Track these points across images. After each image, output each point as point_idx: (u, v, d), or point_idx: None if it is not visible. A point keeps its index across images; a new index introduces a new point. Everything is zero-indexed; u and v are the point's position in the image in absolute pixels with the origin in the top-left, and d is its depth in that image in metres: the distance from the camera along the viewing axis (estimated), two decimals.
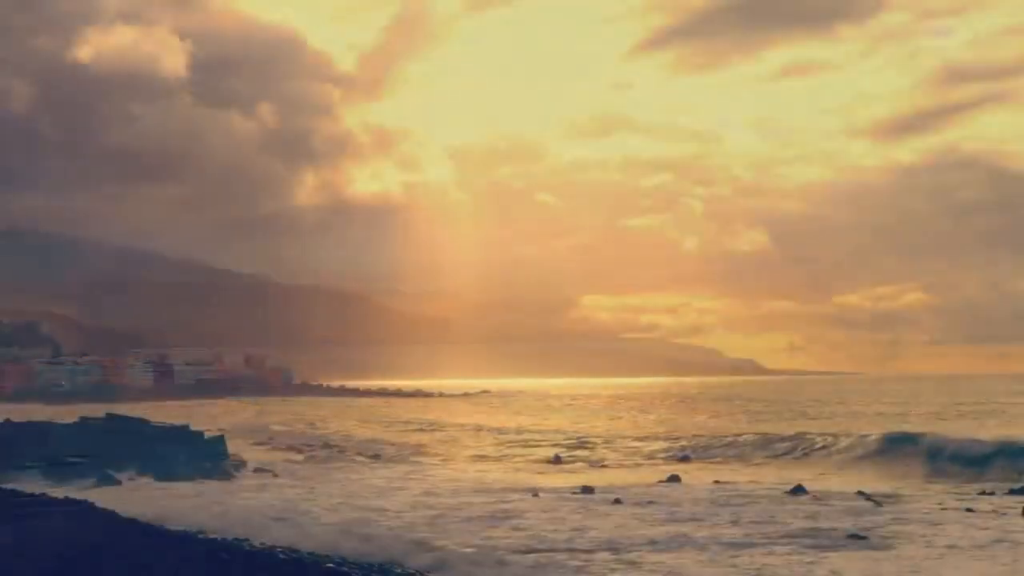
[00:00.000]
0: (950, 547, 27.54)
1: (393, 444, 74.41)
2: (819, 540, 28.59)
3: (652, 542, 28.77)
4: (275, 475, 50.79)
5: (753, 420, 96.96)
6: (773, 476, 50.19)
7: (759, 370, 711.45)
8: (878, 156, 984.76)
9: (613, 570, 24.83)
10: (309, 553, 23.79)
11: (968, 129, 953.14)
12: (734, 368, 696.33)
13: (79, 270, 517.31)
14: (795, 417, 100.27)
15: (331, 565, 22.34)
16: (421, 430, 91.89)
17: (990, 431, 64.17)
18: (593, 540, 29.27)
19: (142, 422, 54.00)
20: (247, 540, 24.79)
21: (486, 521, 33.24)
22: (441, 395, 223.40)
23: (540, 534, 30.34)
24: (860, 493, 40.28)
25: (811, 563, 25.33)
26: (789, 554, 26.50)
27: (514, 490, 43.10)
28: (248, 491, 44.25)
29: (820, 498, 38.64)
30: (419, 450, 69.12)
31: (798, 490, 40.69)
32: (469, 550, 26.71)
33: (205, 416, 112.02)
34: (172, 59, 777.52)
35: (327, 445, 74.09)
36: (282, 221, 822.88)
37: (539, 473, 54.19)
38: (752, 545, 27.91)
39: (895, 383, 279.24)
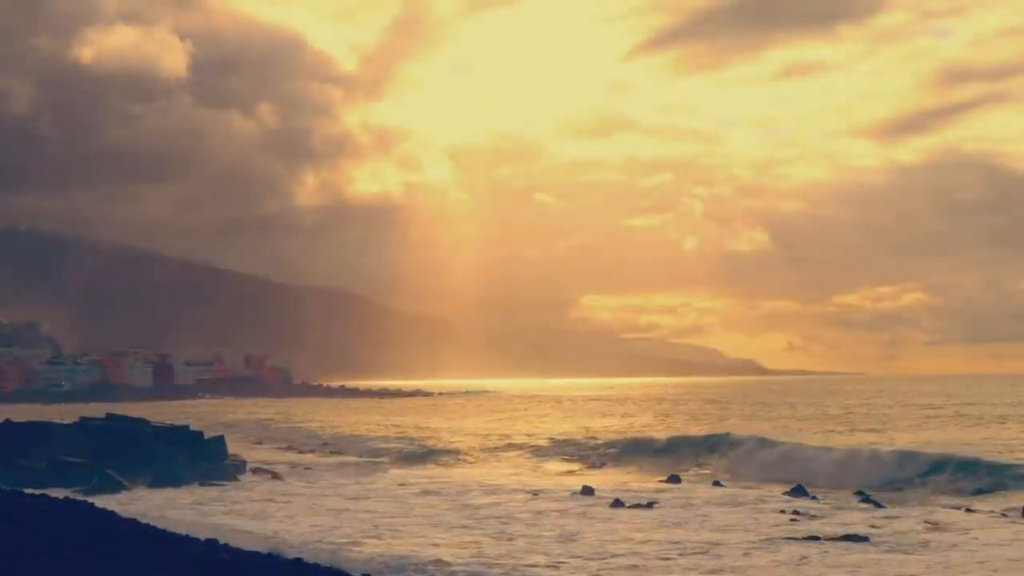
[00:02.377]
0: (965, 548, 27.64)
1: (392, 444, 74.37)
2: (826, 542, 28.52)
3: (656, 548, 28.79)
4: (274, 475, 50.85)
5: (752, 420, 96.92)
6: (772, 476, 50.20)
7: (759, 370, 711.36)
8: (878, 156, 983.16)
9: None
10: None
11: (968, 129, 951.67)
12: (734, 368, 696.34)
13: (79, 270, 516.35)
14: (793, 419, 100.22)
15: (330, 566, 22.37)
16: (420, 430, 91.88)
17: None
18: (586, 547, 29.28)
19: (142, 422, 53.97)
20: (246, 541, 24.84)
21: (477, 527, 33.24)
22: (440, 395, 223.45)
23: (522, 541, 30.35)
24: (859, 493, 40.34)
25: (826, 565, 25.33)
26: (800, 557, 26.41)
27: (513, 491, 43.09)
28: (247, 492, 44.32)
29: (821, 499, 38.71)
30: (417, 450, 69.09)
31: (798, 490, 40.71)
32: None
33: (205, 416, 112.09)
34: (172, 59, 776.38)
35: (326, 445, 74.17)
36: (282, 221, 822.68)
37: (539, 473, 54.17)
38: (759, 548, 27.91)
39: (893, 384, 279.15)
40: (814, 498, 38.80)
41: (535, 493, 41.57)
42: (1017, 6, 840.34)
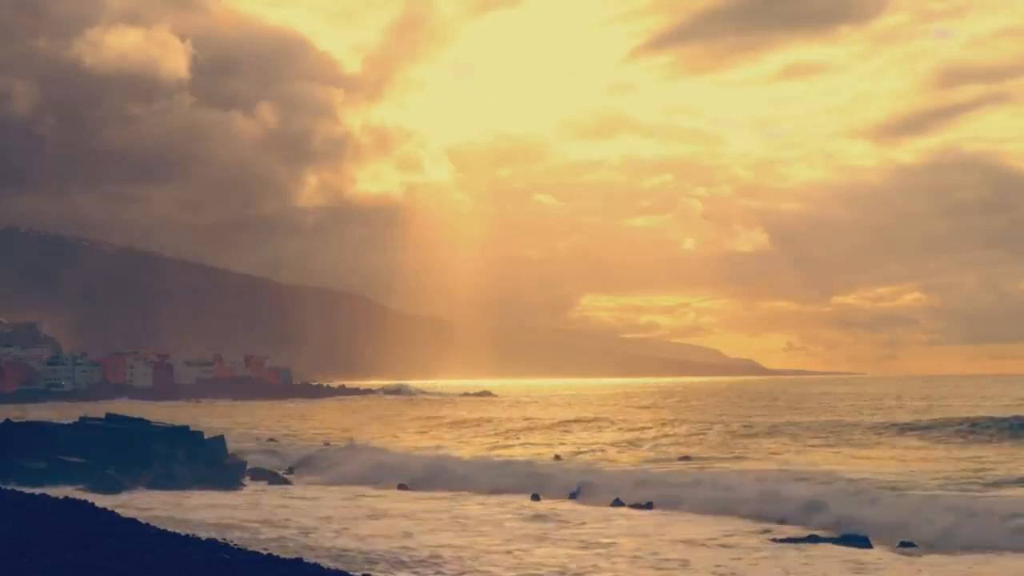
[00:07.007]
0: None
1: (393, 446, 74.25)
2: (827, 541, 28.54)
3: (662, 547, 28.73)
4: (274, 476, 50.77)
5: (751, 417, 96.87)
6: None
7: (759, 370, 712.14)
8: (878, 156, 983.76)
9: None
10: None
11: (968, 129, 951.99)
12: (734, 368, 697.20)
13: (79, 270, 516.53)
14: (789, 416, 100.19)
15: (332, 566, 22.31)
16: (420, 431, 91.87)
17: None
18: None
19: (142, 422, 53.85)
20: (246, 541, 24.77)
21: (481, 528, 33.16)
22: (440, 395, 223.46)
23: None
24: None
25: (831, 564, 25.29)
26: (805, 557, 26.36)
27: (513, 492, 43.03)
28: (247, 493, 44.31)
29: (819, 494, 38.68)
30: (418, 451, 68.94)
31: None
32: None
33: (205, 416, 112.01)
34: (172, 60, 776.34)
35: (326, 445, 73.96)
36: (282, 221, 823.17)
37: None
38: (762, 548, 27.86)
39: (890, 384, 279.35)
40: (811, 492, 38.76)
41: (535, 496, 41.52)
42: (1016, 7, 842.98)
